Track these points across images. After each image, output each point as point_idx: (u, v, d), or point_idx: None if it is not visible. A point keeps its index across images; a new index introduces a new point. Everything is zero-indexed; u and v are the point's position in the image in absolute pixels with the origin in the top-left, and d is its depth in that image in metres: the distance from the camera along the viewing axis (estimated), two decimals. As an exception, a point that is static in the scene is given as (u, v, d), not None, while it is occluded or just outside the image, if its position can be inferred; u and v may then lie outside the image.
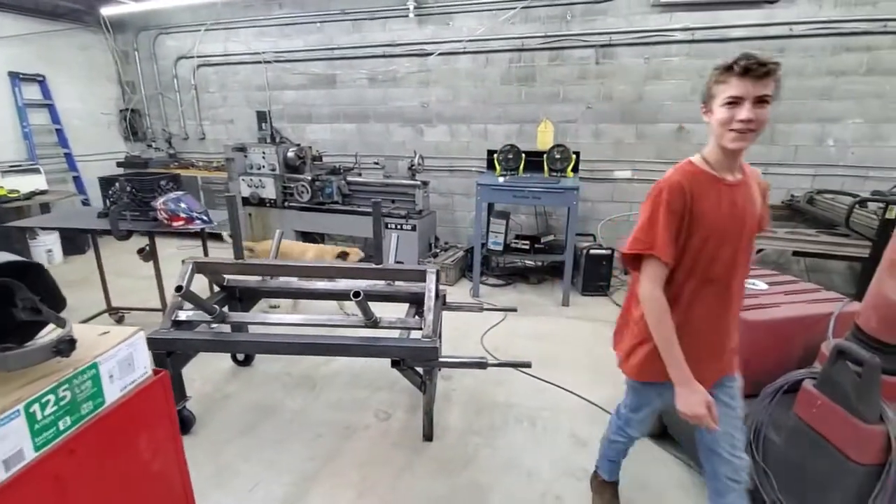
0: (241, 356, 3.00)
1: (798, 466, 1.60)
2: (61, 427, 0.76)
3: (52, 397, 0.74)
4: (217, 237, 4.17)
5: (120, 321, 3.66)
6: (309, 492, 2.02)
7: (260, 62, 5.68)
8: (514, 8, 4.59)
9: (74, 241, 5.46)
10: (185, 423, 2.33)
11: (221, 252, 3.51)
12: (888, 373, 1.49)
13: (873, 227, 2.99)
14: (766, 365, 1.84)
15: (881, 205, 2.97)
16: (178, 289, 1.92)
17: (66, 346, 0.77)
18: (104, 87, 6.50)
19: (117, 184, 2.93)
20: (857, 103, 4.05)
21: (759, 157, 4.39)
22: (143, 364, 0.94)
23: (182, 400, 2.31)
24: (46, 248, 5.12)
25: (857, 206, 3.08)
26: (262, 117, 4.94)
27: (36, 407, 0.72)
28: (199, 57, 5.98)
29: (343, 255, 3.11)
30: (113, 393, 0.87)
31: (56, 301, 0.90)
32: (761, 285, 2.12)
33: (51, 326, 0.86)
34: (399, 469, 2.16)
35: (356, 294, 1.87)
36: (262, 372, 2.97)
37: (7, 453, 0.67)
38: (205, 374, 2.90)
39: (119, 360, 0.88)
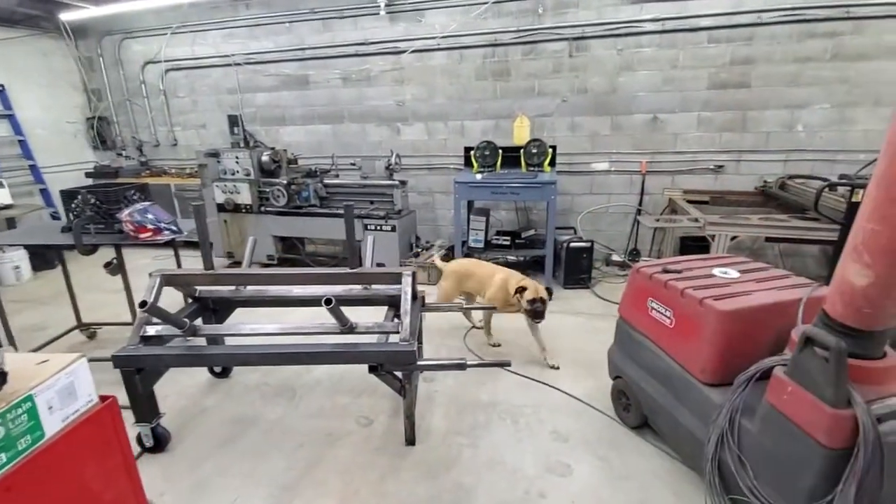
0: (218, 368, 2.94)
1: (771, 453, 1.61)
2: (-7, 466, 0.72)
3: (-21, 436, 0.69)
4: (195, 245, 4.07)
5: (92, 337, 3.56)
6: (290, 503, 1.98)
7: (230, 64, 5.56)
8: (486, 3, 4.56)
9: (44, 257, 5.29)
10: (160, 441, 2.27)
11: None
12: (855, 356, 1.51)
13: (842, 210, 3.04)
14: (739, 353, 1.85)
15: (849, 188, 3.02)
16: (143, 304, 1.86)
17: (-4, 379, 0.73)
18: (68, 94, 6.30)
19: (79, 196, 2.83)
20: (824, 89, 4.12)
21: (732, 145, 4.45)
22: (87, 392, 0.89)
23: (155, 417, 2.25)
24: (14, 265, 4.95)
25: (825, 190, 3.13)
26: (233, 121, 4.84)
27: (-39, 448, 0.67)
28: (166, 61, 5.83)
29: (521, 291, 2.89)
30: (53, 425, 0.82)
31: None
32: (733, 273, 2.13)
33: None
34: (382, 475, 2.13)
35: (328, 301, 1.84)
36: (241, 383, 2.91)
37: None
38: (180, 388, 2.83)
39: (58, 389, 0.83)
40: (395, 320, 2.35)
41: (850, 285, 1.47)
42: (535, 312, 2.89)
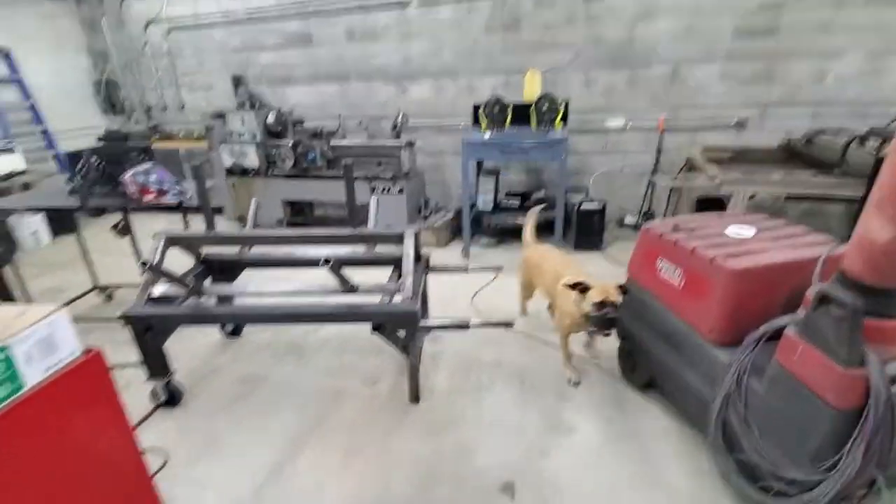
0: (229, 328, 2.99)
1: (778, 414, 1.58)
2: (-30, 415, 0.72)
3: (-47, 385, 0.69)
4: (216, 210, 4.06)
5: (110, 298, 3.65)
6: (298, 456, 2.05)
7: (232, 22, 5.38)
8: (496, -53, 4.28)
9: (61, 222, 5.38)
10: (173, 396, 2.35)
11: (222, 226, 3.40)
12: (872, 316, 1.44)
13: (870, 165, 2.86)
14: (750, 313, 1.79)
15: (878, 142, 2.83)
16: (145, 264, 1.86)
17: (-33, 330, 0.72)
18: (74, 58, 6.23)
19: (83, 158, 2.83)
20: (857, 36, 3.81)
21: (756, 99, 4.20)
22: (69, 344, 0.89)
23: (167, 374, 2.31)
24: (31, 230, 5.06)
25: (853, 143, 2.94)
26: (237, 81, 4.74)
27: (-66, 396, 0.67)
28: (168, 20, 5.68)
29: (582, 291, 2.18)
30: (33, 376, 0.82)
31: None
32: (748, 231, 2.04)
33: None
34: (386, 431, 2.18)
35: (326, 261, 1.82)
36: (251, 342, 2.96)
37: None
38: (193, 347, 2.90)
39: (37, 340, 0.83)
40: (398, 281, 2.33)
41: (870, 241, 1.38)
42: (604, 322, 2.14)
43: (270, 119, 4.71)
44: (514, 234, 4.70)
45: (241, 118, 4.70)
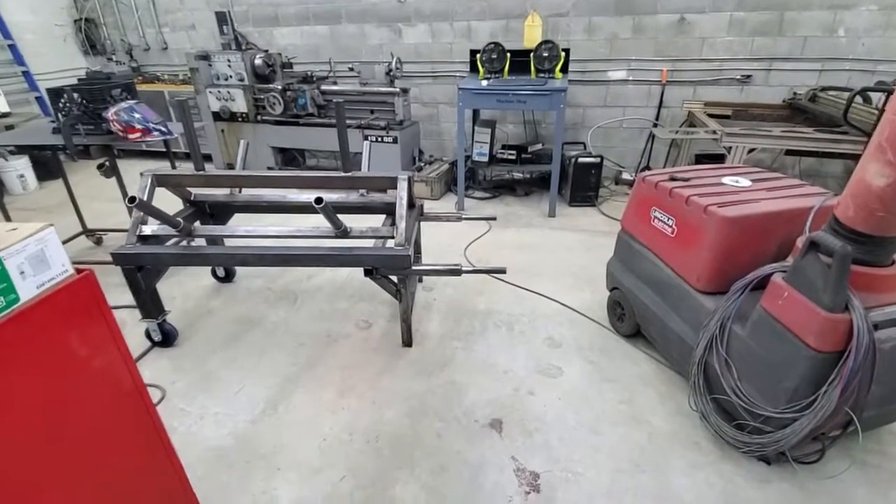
0: (221, 272, 2.99)
1: (758, 357, 1.63)
2: (-33, 321, 0.72)
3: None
4: (205, 157, 3.96)
5: (98, 243, 3.62)
6: (293, 393, 2.10)
7: (216, -46, 5.04)
8: None
9: (48, 167, 5.24)
10: (168, 336, 2.37)
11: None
12: (862, 264, 1.46)
13: (872, 122, 2.83)
14: (741, 263, 1.81)
15: (883, 97, 2.78)
16: (132, 200, 1.83)
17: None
18: (51, -8, 5.84)
19: (65, 95, 2.70)
20: (877, -16, 3.66)
21: (763, 52, 4.08)
22: (61, 262, 0.88)
23: (161, 314, 2.32)
24: (18, 174, 4.93)
25: (856, 99, 2.89)
26: (221, 18, 4.49)
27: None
28: (147, -50, 5.30)
29: None
30: (28, 291, 0.82)
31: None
32: (744, 182, 2.03)
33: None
34: (379, 371, 2.23)
35: (318, 200, 1.79)
36: (244, 288, 2.98)
37: None
38: (186, 291, 2.91)
39: (28, 255, 0.82)
40: (392, 227, 2.32)
41: (866, 186, 1.38)
42: None
43: (258, 61, 4.51)
44: (509, 187, 4.67)
45: (228, 60, 4.49)
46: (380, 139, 4.35)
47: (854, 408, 1.49)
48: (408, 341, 2.38)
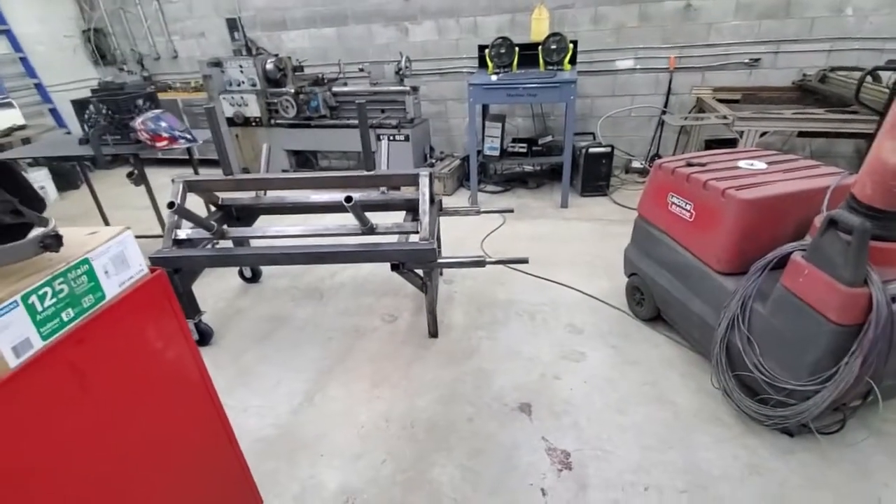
0: (248, 273, 3.09)
1: (780, 333, 1.68)
2: (65, 318, 0.80)
3: (48, 290, 0.77)
4: (213, 162, 4.07)
5: (125, 249, 3.72)
6: (327, 385, 2.19)
7: (222, -39, 5.11)
8: None
9: (67, 177, 5.38)
10: (204, 336, 2.47)
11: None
12: (879, 239, 1.51)
13: (883, 101, 2.84)
14: (759, 243, 1.86)
15: (894, 76, 2.80)
16: (171, 205, 1.91)
17: (52, 241, 0.78)
18: (60, 4, 5.95)
19: (91, 106, 2.80)
20: (884, -39, 3.65)
21: (771, 34, 4.08)
22: (138, 261, 0.96)
23: (197, 314, 2.42)
24: (39, 185, 5.05)
25: (868, 77, 2.90)
26: (232, 25, 4.58)
27: (34, 298, 0.75)
28: (154, -40, 5.39)
29: None
30: (112, 288, 0.90)
31: (35, 202, 0.89)
32: (760, 165, 2.07)
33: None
34: (408, 362, 2.31)
35: (348, 199, 1.86)
36: (271, 287, 3.07)
37: (14, 341, 0.71)
38: (216, 292, 3.01)
39: (111, 256, 0.89)
40: (413, 222, 2.39)
41: (882, 164, 1.43)
42: None
43: (269, 66, 4.59)
44: (520, 180, 4.72)
45: (240, 66, 4.57)
46: (392, 137, 4.42)
47: (874, 377, 1.54)
48: (434, 332, 2.46)
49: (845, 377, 1.52)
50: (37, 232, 0.79)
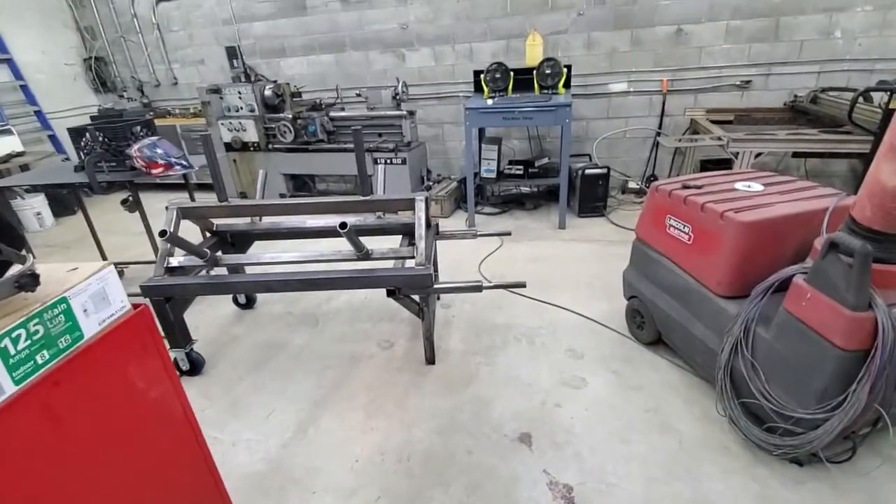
0: (242, 299, 3.04)
1: (784, 359, 1.64)
2: (39, 361, 0.76)
3: (22, 332, 0.73)
4: (208, 187, 4.08)
5: (120, 276, 3.67)
6: (321, 416, 2.12)
7: (222, -9, 5.23)
8: None
9: (63, 202, 5.37)
10: (196, 365, 2.41)
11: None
12: (881, 262, 1.48)
13: (877, 120, 2.86)
14: (760, 266, 1.83)
15: (886, 96, 2.83)
16: (163, 233, 1.89)
17: (28, 280, 0.75)
18: (63, 34, 6.06)
19: (87, 134, 2.81)
20: (869, -14, 3.74)
21: (762, 57, 4.15)
22: (120, 298, 0.92)
23: (188, 343, 2.37)
24: (35, 212, 5.05)
25: (860, 98, 2.93)
26: (232, 53, 4.65)
27: (7, 342, 0.71)
28: (156, -9, 5.51)
29: None
30: (91, 327, 0.86)
31: (13, 239, 0.86)
32: (757, 186, 2.07)
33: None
34: (405, 390, 2.25)
35: (342, 225, 1.84)
36: (266, 314, 3.02)
37: (-17, 387, 0.67)
38: (209, 319, 2.96)
39: (91, 294, 0.86)
40: (410, 247, 2.36)
41: (881, 186, 1.41)
42: None
43: (268, 92, 4.64)
44: (517, 202, 4.73)
45: (239, 92, 4.63)
46: (389, 161, 4.44)
47: (883, 404, 1.50)
48: (431, 359, 2.41)
49: (854, 405, 1.48)
50: (13, 271, 0.76)
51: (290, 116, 4.59)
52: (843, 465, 1.71)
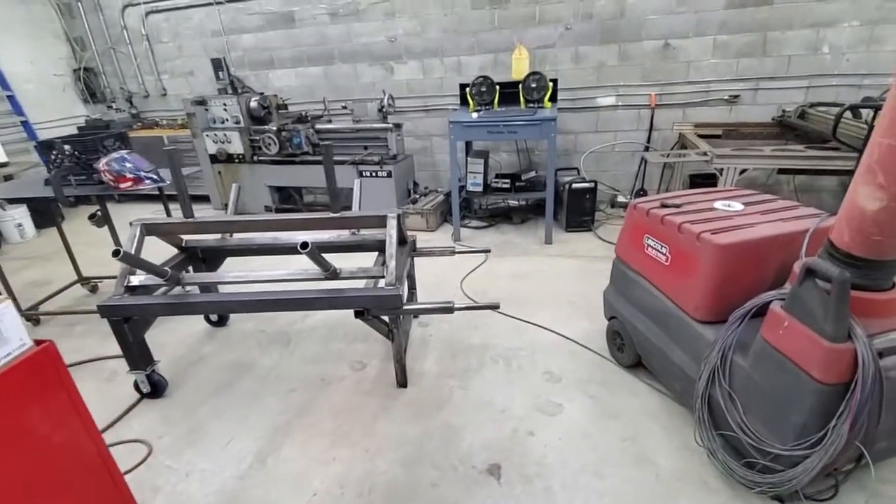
0: (214, 317, 2.95)
1: (763, 389, 1.56)
2: None
3: None
4: (194, 198, 4.00)
5: (94, 291, 3.60)
6: (282, 444, 2.03)
7: (212, 3, 5.22)
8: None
9: (44, 214, 5.30)
10: (157, 388, 2.32)
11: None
12: (861, 289, 1.41)
13: (862, 137, 2.81)
14: (739, 290, 1.76)
15: (872, 112, 2.77)
16: (116, 252, 1.81)
17: None
18: (52, 45, 6.04)
19: (56, 147, 2.74)
20: (853, 3, 3.72)
21: (749, 72, 4.12)
22: (18, 336, 0.84)
23: (149, 365, 2.28)
24: (16, 223, 4.97)
25: (845, 114, 2.88)
26: (217, 65, 4.62)
27: None
28: (146, 3, 5.50)
29: None
30: (-24, 369, 0.78)
31: None
32: (737, 206, 2.00)
33: None
34: (373, 416, 2.16)
35: (304, 245, 1.77)
36: (238, 331, 2.93)
37: None
38: (179, 337, 2.87)
39: (-23, 334, 0.78)
40: (382, 265, 2.28)
41: (859, 210, 1.34)
42: None
43: (253, 104, 4.60)
44: (505, 215, 4.66)
45: (224, 104, 4.58)
46: (374, 174, 4.38)
47: (864, 441, 1.41)
48: (402, 382, 2.32)
49: (835, 441, 1.39)
50: None
51: (275, 128, 4.54)
52: (827, 502, 1.61)
